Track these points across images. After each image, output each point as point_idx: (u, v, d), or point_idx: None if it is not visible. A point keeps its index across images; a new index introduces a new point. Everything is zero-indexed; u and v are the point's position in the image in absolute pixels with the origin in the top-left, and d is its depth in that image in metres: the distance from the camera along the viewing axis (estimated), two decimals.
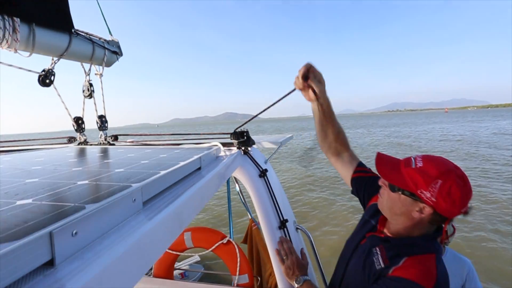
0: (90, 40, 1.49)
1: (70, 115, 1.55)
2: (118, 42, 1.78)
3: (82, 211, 0.44)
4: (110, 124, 1.65)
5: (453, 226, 0.89)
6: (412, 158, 0.83)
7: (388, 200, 0.85)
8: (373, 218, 0.98)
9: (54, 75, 1.31)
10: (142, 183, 0.61)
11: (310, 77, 0.98)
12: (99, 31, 1.67)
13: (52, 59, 1.29)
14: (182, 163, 0.84)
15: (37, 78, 1.30)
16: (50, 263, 0.37)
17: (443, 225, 0.83)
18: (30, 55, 1.17)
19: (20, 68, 1.19)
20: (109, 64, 1.74)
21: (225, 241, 1.83)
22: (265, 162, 1.45)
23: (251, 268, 1.87)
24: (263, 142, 1.71)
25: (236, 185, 2.16)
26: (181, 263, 3.91)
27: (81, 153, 1.19)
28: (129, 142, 1.69)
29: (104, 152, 1.18)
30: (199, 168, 0.95)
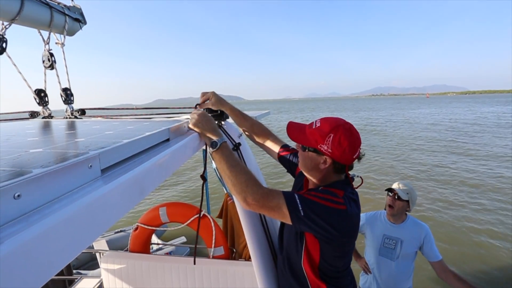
0: (47, 4, 1.37)
1: (30, 87, 1.44)
2: (80, 9, 1.65)
3: (27, 175, 0.42)
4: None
5: (360, 177, 1.03)
6: (314, 121, 1.00)
7: (302, 159, 1.02)
8: (300, 182, 1.16)
9: (6, 41, 1.19)
10: (100, 150, 0.59)
11: (211, 102, 1.25)
12: None
13: (2, 24, 1.17)
14: (148, 133, 0.81)
15: None
16: None
17: (348, 172, 1.00)
18: None
19: None
20: (71, 32, 1.61)
21: (200, 215, 1.85)
22: (239, 136, 1.45)
23: (226, 240, 1.91)
24: None
25: (213, 161, 2.15)
26: (167, 242, 3.95)
27: (42, 126, 1.12)
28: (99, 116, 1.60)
29: (68, 125, 1.12)
30: (168, 140, 0.92)
